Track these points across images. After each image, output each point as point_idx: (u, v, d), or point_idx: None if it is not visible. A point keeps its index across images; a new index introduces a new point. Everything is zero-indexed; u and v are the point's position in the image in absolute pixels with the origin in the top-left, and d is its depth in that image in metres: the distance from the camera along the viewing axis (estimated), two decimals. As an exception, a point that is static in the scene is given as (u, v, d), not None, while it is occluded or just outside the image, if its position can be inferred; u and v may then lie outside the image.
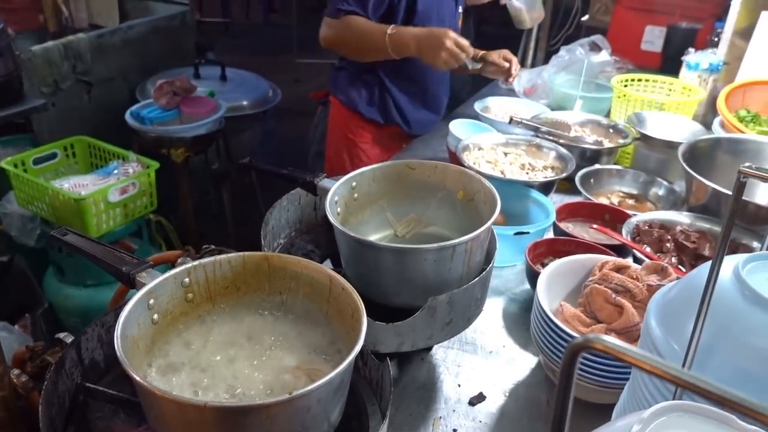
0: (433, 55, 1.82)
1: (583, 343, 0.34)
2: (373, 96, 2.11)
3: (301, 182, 1.22)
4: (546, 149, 1.86)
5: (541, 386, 1.19)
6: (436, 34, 1.81)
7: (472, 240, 1.05)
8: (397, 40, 1.85)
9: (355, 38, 1.92)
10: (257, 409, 0.69)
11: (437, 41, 1.79)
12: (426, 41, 1.82)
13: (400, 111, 2.14)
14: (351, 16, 1.89)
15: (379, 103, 2.12)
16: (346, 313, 0.87)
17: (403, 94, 2.12)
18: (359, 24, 1.89)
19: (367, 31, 1.89)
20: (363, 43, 1.93)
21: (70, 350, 0.89)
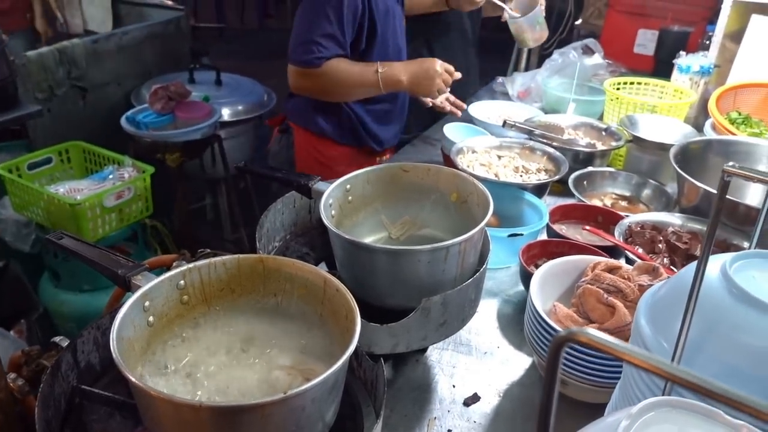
0: (427, 88, 1.78)
1: (567, 336, 0.35)
2: (340, 121, 2.00)
3: (296, 185, 1.23)
4: (539, 152, 1.88)
5: (535, 386, 1.20)
6: (426, 67, 1.76)
7: (466, 241, 1.06)
8: (388, 78, 1.79)
9: (341, 84, 1.82)
10: (252, 408, 0.69)
11: (430, 73, 1.75)
12: (418, 75, 1.78)
13: (368, 132, 2.04)
14: (330, 62, 1.78)
15: (348, 126, 2.01)
16: (341, 314, 0.88)
17: (369, 114, 2.02)
18: (342, 69, 1.79)
19: (356, 76, 1.80)
20: (351, 88, 1.84)
21: (66, 353, 0.89)
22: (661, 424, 0.59)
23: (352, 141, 2.03)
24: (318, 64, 1.77)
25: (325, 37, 1.75)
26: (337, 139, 2.00)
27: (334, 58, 1.78)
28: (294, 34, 1.79)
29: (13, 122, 2.76)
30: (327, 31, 1.74)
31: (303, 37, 1.77)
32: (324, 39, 1.75)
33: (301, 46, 1.77)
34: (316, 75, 1.79)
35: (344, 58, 1.80)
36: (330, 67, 1.78)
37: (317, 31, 1.75)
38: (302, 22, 1.78)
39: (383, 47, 1.88)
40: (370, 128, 2.02)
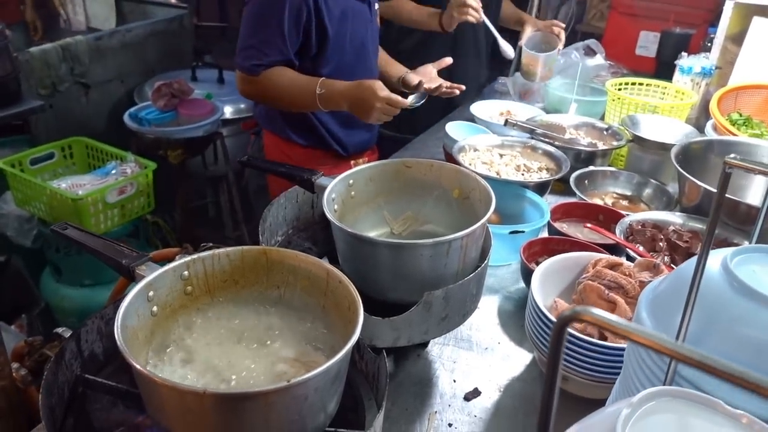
0: (365, 116, 1.69)
1: (572, 315, 0.36)
2: (304, 124, 1.93)
3: (299, 180, 1.24)
4: (541, 151, 1.88)
5: (535, 382, 1.20)
6: (366, 97, 1.65)
7: (468, 236, 1.06)
8: (327, 100, 1.71)
9: (281, 96, 1.77)
10: (255, 396, 0.70)
11: (368, 103, 1.65)
12: (356, 103, 1.69)
13: (333, 135, 1.97)
14: (270, 70, 1.72)
15: (311, 130, 1.95)
16: (343, 306, 0.88)
17: (333, 118, 1.95)
18: (282, 81, 1.73)
19: (295, 90, 1.74)
20: (291, 100, 1.78)
21: (70, 342, 0.90)
22: (661, 413, 0.59)
23: (318, 144, 1.98)
24: (256, 72, 1.72)
25: (265, 44, 1.69)
26: (303, 142, 1.96)
27: (276, 65, 1.72)
28: (239, 37, 1.74)
29: (15, 117, 2.77)
30: (267, 37, 1.69)
31: (245, 41, 1.72)
32: (264, 46, 1.69)
33: (243, 51, 1.73)
34: (255, 82, 1.74)
35: (287, 68, 1.74)
36: (270, 75, 1.72)
37: (258, 37, 1.70)
38: (246, 26, 1.73)
39: (338, 50, 1.81)
40: (334, 132, 1.97)
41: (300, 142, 1.94)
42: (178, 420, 0.75)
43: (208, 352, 0.88)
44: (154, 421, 0.80)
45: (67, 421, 0.87)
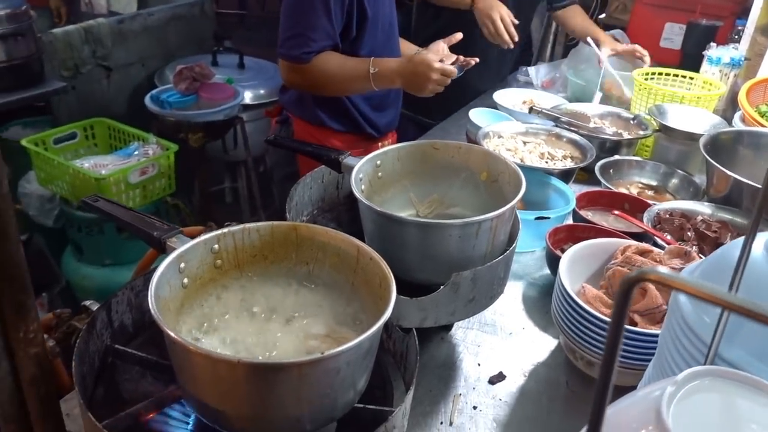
0: (420, 90, 1.70)
1: (638, 276, 0.34)
2: (338, 110, 1.92)
3: (326, 159, 1.23)
4: (566, 139, 1.86)
5: (560, 368, 1.19)
6: (421, 71, 1.66)
7: (498, 218, 1.05)
8: (381, 78, 1.71)
9: (332, 81, 1.75)
10: (289, 367, 0.70)
11: (423, 77, 1.66)
12: (411, 79, 1.69)
13: (366, 119, 1.97)
14: (319, 57, 1.70)
15: (346, 115, 1.94)
16: (374, 283, 0.88)
17: (366, 102, 1.94)
18: (333, 65, 1.71)
19: (347, 73, 1.73)
20: (342, 84, 1.77)
21: (101, 312, 0.90)
22: (706, 393, 0.58)
23: (351, 128, 1.97)
24: (307, 60, 1.69)
25: (312, 30, 1.67)
26: (337, 127, 1.95)
27: (324, 51, 1.71)
28: (282, 27, 1.71)
29: (38, 98, 2.80)
30: (315, 22, 1.66)
31: (290, 30, 1.69)
32: (311, 32, 1.67)
33: (289, 40, 1.69)
34: (305, 70, 1.71)
35: (334, 52, 1.73)
36: (320, 62, 1.70)
37: (304, 24, 1.67)
38: (289, 13, 1.70)
39: (374, 32, 1.81)
40: (367, 116, 1.97)
41: (334, 127, 1.92)
42: (209, 390, 0.75)
43: (237, 326, 0.88)
44: (185, 392, 0.80)
45: (97, 390, 0.88)
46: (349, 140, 1.95)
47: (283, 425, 0.77)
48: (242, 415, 0.75)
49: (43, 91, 2.75)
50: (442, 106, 2.49)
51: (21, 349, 0.78)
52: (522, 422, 1.07)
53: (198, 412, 0.80)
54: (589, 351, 1.08)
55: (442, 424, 1.05)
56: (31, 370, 0.80)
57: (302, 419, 0.76)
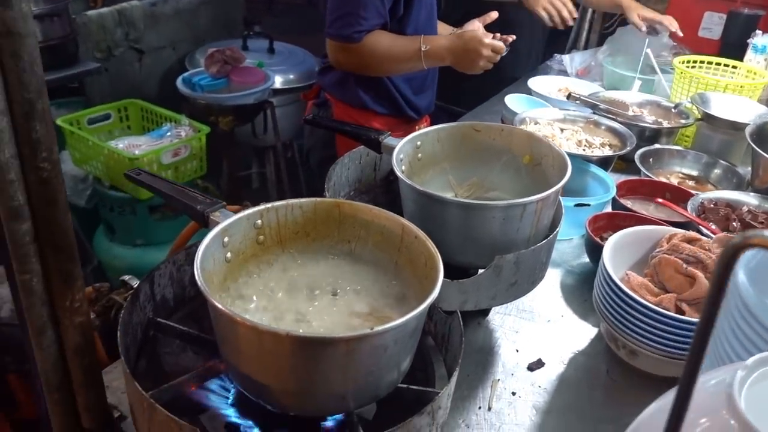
0: (470, 67, 1.69)
1: (743, 241, 0.32)
2: (380, 92, 1.89)
3: (365, 139, 1.22)
4: (604, 127, 1.82)
5: (600, 357, 1.17)
6: (472, 48, 1.66)
7: (543, 200, 1.03)
8: (432, 56, 1.70)
9: (383, 60, 1.73)
10: (337, 342, 0.68)
11: (474, 53, 1.66)
12: (462, 55, 1.69)
13: (407, 101, 1.95)
14: (370, 36, 1.67)
15: (387, 96, 1.91)
16: (419, 262, 0.86)
17: (407, 84, 1.92)
18: (384, 44, 1.70)
19: (398, 52, 1.71)
20: (393, 64, 1.76)
21: (145, 284, 0.90)
22: (777, 378, 0.55)
23: (393, 111, 1.95)
24: (358, 39, 1.66)
25: (364, 8, 1.64)
26: (378, 110, 1.92)
27: (374, 30, 1.68)
28: (330, 6, 1.69)
29: (72, 79, 2.82)
30: (366, 1, 1.64)
31: (339, 9, 1.67)
32: (362, 10, 1.64)
33: (339, 20, 1.67)
34: (355, 50, 1.68)
35: (384, 31, 1.72)
36: (371, 41, 1.68)
37: (355, 2, 1.64)
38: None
39: (418, 11, 1.80)
40: (408, 98, 1.96)
41: (376, 109, 1.90)
42: (253, 364, 0.74)
43: (278, 303, 0.87)
44: (228, 365, 0.80)
45: (140, 362, 0.88)
46: (390, 123, 1.94)
47: (327, 402, 0.76)
48: (287, 390, 0.74)
49: (77, 72, 2.77)
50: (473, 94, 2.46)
51: (66, 318, 0.78)
52: (562, 410, 1.05)
53: (241, 386, 0.79)
54: (633, 339, 1.05)
55: (480, 409, 1.04)
56: (76, 339, 0.80)
57: (347, 396, 0.75)
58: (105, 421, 0.88)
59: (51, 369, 0.81)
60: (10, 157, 0.68)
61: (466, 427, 1.01)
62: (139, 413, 0.75)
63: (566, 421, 1.04)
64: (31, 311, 0.76)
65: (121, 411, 0.92)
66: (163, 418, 0.69)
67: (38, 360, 0.81)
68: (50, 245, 0.73)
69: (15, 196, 0.69)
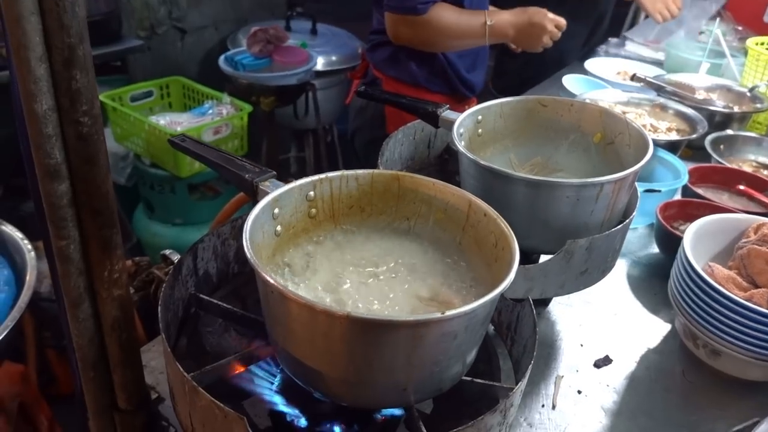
0: (533, 44, 1.66)
1: None
2: (434, 68, 1.82)
3: (422, 112, 1.13)
4: (671, 110, 1.70)
5: (675, 355, 1.07)
6: (536, 22, 1.62)
7: (621, 181, 0.93)
8: (497, 32, 1.65)
9: (445, 34, 1.66)
10: (405, 326, 0.60)
11: (538, 29, 1.63)
12: (526, 30, 1.65)
13: (460, 78, 1.87)
14: (435, 8, 1.61)
15: (441, 73, 1.84)
16: (487, 243, 0.77)
17: (460, 60, 1.84)
18: (448, 18, 1.63)
19: (462, 26, 1.64)
20: (456, 39, 1.69)
21: (187, 257, 0.83)
22: None
23: (445, 88, 1.88)
24: (423, 10, 1.59)
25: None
26: (430, 86, 1.85)
27: (438, 2, 1.62)
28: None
29: (115, 55, 2.80)
30: None
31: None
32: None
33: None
34: (419, 23, 1.61)
35: (448, 4, 1.64)
36: (436, 13, 1.61)
37: None
38: None
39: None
40: (461, 74, 1.88)
41: (429, 86, 1.82)
42: (306, 347, 0.66)
43: (330, 281, 0.80)
44: (277, 348, 0.72)
45: (180, 340, 0.82)
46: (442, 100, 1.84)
47: (386, 393, 0.68)
48: (342, 378, 0.66)
49: (121, 48, 2.75)
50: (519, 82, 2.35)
51: (104, 290, 0.72)
52: (635, 413, 0.95)
53: (290, 371, 0.72)
54: (716, 338, 0.95)
55: (543, 407, 0.95)
56: (114, 313, 0.74)
57: (408, 388, 0.67)
58: (142, 402, 0.82)
59: (87, 344, 0.75)
60: (48, 109, 0.61)
61: (528, 426, 0.92)
62: (179, 396, 0.69)
63: (638, 425, 0.94)
64: (67, 281, 0.70)
65: (158, 392, 0.86)
66: (206, 402, 0.62)
67: (74, 334, 0.75)
68: (89, 209, 0.67)
69: (52, 153, 0.63)
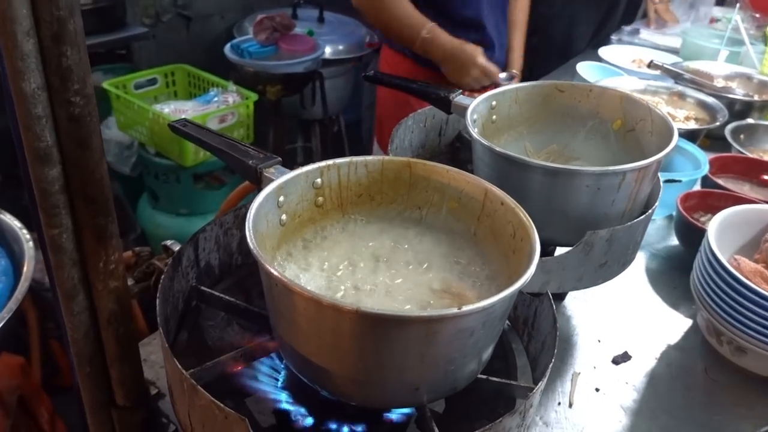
0: (458, 79, 1.68)
1: None
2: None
3: (434, 97, 1.08)
4: (690, 99, 1.65)
5: (696, 352, 1.02)
6: (464, 60, 1.65)
7: (645, 169, 0.88)
8: (429, 45, 1.66)
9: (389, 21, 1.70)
10: (419, 322, 0.56)
11: (465, 68, 1.65)
12: (455, 63, 1.66)
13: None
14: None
15: None
16: (504, 233, 0.73)
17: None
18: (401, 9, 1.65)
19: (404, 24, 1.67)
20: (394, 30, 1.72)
21: (188, 247, 0.80)
22: None
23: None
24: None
25: None
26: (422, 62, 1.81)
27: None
28: None
29: (119, 43, 2.76)
30: None
31: None
32: None
33: None
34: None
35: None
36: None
37: None
38: None
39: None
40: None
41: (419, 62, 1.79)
42: (313, 343, 0.62)
43: (338, 274, 0.76)
44: (282, 344, 0.68)
45: (180, 334, 0.78)
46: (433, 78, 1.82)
47: (397, 393, 0.64)
48: (350, 377, 0.62)
49: (125, 36, 2.70)
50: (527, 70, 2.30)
51: (100, 282, 0.68)
52: (655, 411, 0.91)
53: (295, 368, 0.68)
54: (742, 335, 0.90)
55: (560, 405, 0.91)
56: (110, 306, 0.70)
57: (420, 388, 0.63)
58: (140, 398, 0.78)
59: (82, 339, 0.72)
60: (37, 88, 0.57)
61: (544, 425, 0.88)
62: (178, 394, 0.65)
63: (659, 424, 0.90)
64: (60, 272, 0.67)
65: (158, 388, 0.83)
66: (206, 402, 0.59)
67: (68, 328, 0.71)
68: (82, 196, 0.63)
69: (42, 136, 0.59)
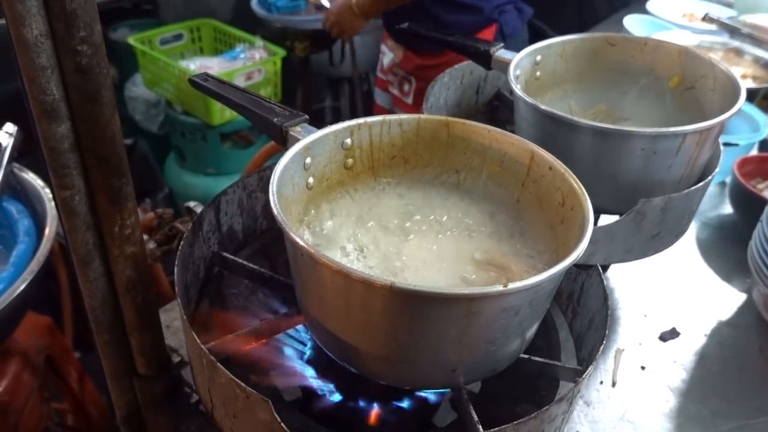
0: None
1: None
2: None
3: (473, 51, 1.00)
4: (748, 55, 1.53)
5: (751, 330, 0.95)
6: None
7: (707, 131, 0.80)
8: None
9: None
10: (460, 300, 0.51)
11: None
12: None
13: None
14: None
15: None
16: (551, 201, 0.67)
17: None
18: None
19: None
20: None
21: (209, 211, 0.75)
22: None
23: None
24: None
25: None
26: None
27: None
28: None
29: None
30: None
31: None
32: None
33: None
34: None
35: None
36: None
37: None
38: None
39: None
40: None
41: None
42: (342, 319, 0.58)
43: (368, 242, 0.70)
44: (308, 318, 0.64)
45: (201, 303, 0.74)
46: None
47: (432, 373, 0.59)
48: (381, 356, 0.58)
49: (151, -11, 2.64)
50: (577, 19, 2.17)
51: (116, 247, 0.64)
52: (706, 393, 0.85)
53: (323, 344, 0.63)
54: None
55: (602, 383, 0.85)
56: (127, 272, 0.66)
57: (458, 369, 0.58)
58: (162, 367, 0.75)
59: (100, 306, 0.68)
60: (39, 35, 0.52)
61: (585, 404, 0.83)
62: (198, 370, 0.61)
63: (709, 407, 0.84)
64: (74, 236, 0.62)
65: (181, 356, 0.79)
66: (226, 380, 0.54)
67: (85, 295, 0.68)
68: (93, 155, 0.58)
69: (48, 88, 0.54)
